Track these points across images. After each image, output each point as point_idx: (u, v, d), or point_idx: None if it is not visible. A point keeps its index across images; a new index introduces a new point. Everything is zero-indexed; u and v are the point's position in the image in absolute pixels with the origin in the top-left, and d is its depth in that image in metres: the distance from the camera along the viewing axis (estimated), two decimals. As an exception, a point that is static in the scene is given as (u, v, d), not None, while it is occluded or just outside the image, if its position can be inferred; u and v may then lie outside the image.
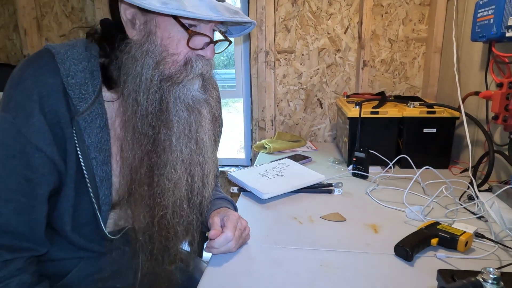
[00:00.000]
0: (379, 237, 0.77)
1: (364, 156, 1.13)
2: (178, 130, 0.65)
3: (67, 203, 0.64)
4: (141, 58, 0.62)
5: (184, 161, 0.67)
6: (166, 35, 0.63)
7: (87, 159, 0.63)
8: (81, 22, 1.79)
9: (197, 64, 0.65)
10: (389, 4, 1.55)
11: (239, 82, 1.80)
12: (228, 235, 0.69)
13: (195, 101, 0.67)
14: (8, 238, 0.59)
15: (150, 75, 0.62)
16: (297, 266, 0.67)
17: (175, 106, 0.64)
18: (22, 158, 0.59)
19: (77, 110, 0.61)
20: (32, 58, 0.62)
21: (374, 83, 1.64)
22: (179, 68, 0.64)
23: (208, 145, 0.71)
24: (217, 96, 0.79)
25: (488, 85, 1.11)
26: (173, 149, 0.65)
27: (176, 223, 0.68)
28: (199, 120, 0.68)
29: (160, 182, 0.65)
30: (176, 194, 0.66)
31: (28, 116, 0.58)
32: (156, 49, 0.62)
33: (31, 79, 0.59)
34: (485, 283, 0.47)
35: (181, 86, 0.64)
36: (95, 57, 0.65)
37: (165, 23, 0.62)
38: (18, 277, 0.60)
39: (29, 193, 0.60)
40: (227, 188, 1.69)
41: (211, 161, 0.73)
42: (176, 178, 0.66)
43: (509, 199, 0.86)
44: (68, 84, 0.61)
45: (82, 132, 0.62)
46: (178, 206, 0.67)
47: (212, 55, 0.66)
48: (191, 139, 0.67)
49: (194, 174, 0.69)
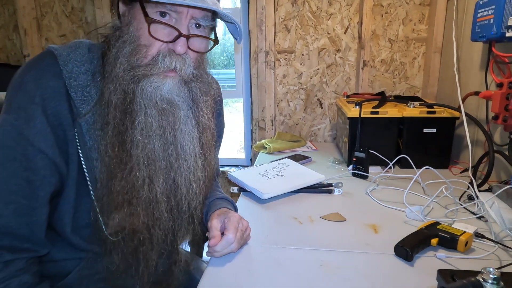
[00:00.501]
0: (379, 237, 0.77)
1: (364, 156, 1.13)
2: (144, 126, 0.62)
3: (68, 204, 0.64)
4: (117, 49, 0.62)
5: (157, 162, 0.64)
6: (140, 26, 0.62)
7: (88, 161, 0.63)
8: (81, 22, 1.79)
9: (164, 59, 0.62)
10: (389, 4, 1.55)
11: (239, 82, 1.80)
12: (229, 237, 0.68)
13: (167, 103, 0.64)
14: (8, 239, 0.59)
15: (119, 63, 0.61)
16: (297, 266, 0.67)
17: (140, 100, 0.62)
18: (24, 160, 0.59)
19: (79, 112, 0.61)
20: (34, 60, 0.62)
21: (374, 83, 1.64)
22: (148, 61, 0.62)
23: (191, 152, 0.68)
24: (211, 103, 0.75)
25: (488, 85, 1.11)
26: (139, 145, 0.62)
27: (151, 226, 0.66)
28: (176, 123, 0.65)
29: (128, 178, 0.63)
30: (148, 194, 0.64)
31: (30, 118, 0.58)
32: (131, 39, 0.62)
33: (33, 81, 0.59)
34: (485, 283, 0.47)
35: (149, 81, 0.62)
36: (98, 58, 0.65)
37: (140, 15, 0.61)
38: (19, 278, 0.60)
39: (30, 195, 0.60)
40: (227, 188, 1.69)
41: (198, 169, 0.70)
42: (147, 177, 0.63)
43: (509, 199, 0.86)
44: (71, 86, 0.61)
45: (84, 134, 0.62)
46: (154, 209, 0.65)
47: (182, 50, 0.63)
48: (168, 143, 0.65)
49: (175, 180, 0.67)
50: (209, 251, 0.69)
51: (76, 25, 1.80)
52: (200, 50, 0.67)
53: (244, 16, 1.67)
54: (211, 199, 0.83)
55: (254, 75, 1.69)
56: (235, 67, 1.79)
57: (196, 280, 0.75)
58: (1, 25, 1.86)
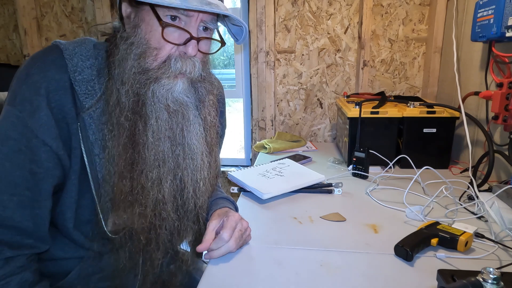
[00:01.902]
0: (379, 237, 0.77)
1: (364, 156, 1.13)
2: (157, 129, 0.63)
3: (70, 199, 0.64)
4: (125, 50, 0.62)
5: (167, 163, 0.65)
6: (149, 29, 0.63)
7: (90, 155, 0.63)
8: (81, 22, 1.79)
9: (175, 62, 0.63)
10: (389, 4, 1.55)
11: (239, 82, 1.80)
12: (223, 235, 0.68)
13: (177, 104, 0.65)
14: (10, 233, 0.59)
15: (130, 66, 0.62)
16: (297, 266, 0.67)
17: (151, 103, 0.63)
18: (28, 152, 0.59)
19: (83, 106, 0.62)
20: (40, 53, 0.62)
21: (374, 83, 1.64)
22: (159, 64, 0.63)
23: (198, 151, 0.69)
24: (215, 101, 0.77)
25: (488, 85, 1.11)
26: (150, 147, 0.63)
27: (158, 226, 0.67)
28: (185, 124, 0.66)
29: (139, 179, 0.64)
30: (157, 195, 0.65)
31: (35, 110, 0.58)
32: (140, 42, 0.62)
33: (38, 74, 0.60)
34: (485, 283, 0.47)
35: (160, 84, 0.63)
36: (103, 54, 0.65)
37: (149, 16, 0.62)
38: (20, 275, 0.60)
39: (34, 187, 0.60)
40: (227, 188, 1.69)
41: (205, 168, 0.71)
42: (156, 178, 0.64)
43: (509, 199, 0.86)
44: (75, 80, 0.61)
45: (87, 128, 0.62)
46: (162, 209, 0.66)
47: (193, 52, 0.64)
48: (176, 143, 0.66)
49: (182, 179, 0.68)
50: (197, 250, 0.68)
51: (76, 25, 1.80)
52: (208, 51, 0.69)
53: (244, 16, 1.68)
54: (212, 199, 0.83)
55: (254, 75, 1.69)
56: (235, 67, 1.79)
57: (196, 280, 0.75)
58: (1, 25, 1.87)
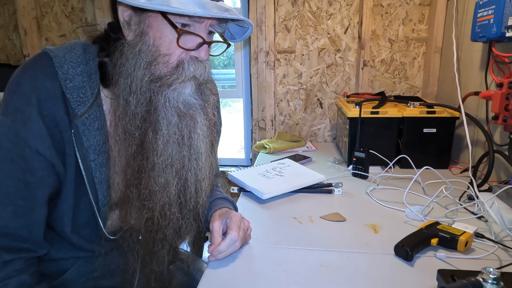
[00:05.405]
0: (379, 237, 0.77)
1: (364, 156, 1.13)
2: (167, 134, 0.64)
3: (67, 205, 0.64)
4: (133, 59, 0.62)
5: (174, 165, 0.65)
6: (158, 35, 0.62)
7: (85, 161, 0.63)
8: (81, 22, 1.79)
9: (189, 67, 0.64)
10: (389, 4, 1.55)
11: (239, 82, 1.80)
12: (233, 235, 0.68)
13: (187, 106, 0.65)
14: (7, 239, 0.59)
15: (141, 75, 0.61)
16: (297, 266, 0.67)
17: (163, 109, 0.63)
18: (21, 161, 0.59)
19: (75, 113, 0.61)
20: (30, 62, 0.62)
21: (374, 83, 1.64)
22: (171, 69, 0.63)
23: (203, 151, 0.69)
24: (215, 101, 0.77)
25: (488, 85, 1.11)
26: (160, 153, 0.63)
27: (164, 227, 0.67)
28: (192, 126, 0.66)
29: (147, 185, 0.64)
30: (165, 198, 0.65)
31: (26, 120, 0.58)
32: (149, 49, 0.62)
33: (29, 83, 0.59)
34: (485, 283, 0.47)
35: (172, 89, 0.63)
36: (93, 59, 0.64)
37: (157, 23, 0.62)
38: (17, 278, 0.60)
39: (28, 196, 0.60)
40: (227, 188, 1.69)
41: (207, 167, 0.71)
42: (164, 182, 0.65)
43: (509, 199, 0.86)
44: (66, 88, 0.61)
45: (81, 135, 0.62)
46: (167, 210, 0.66)
47: (206, 56, 0.65)
48: (183, 145, 0.66)
49: (187, 179, 0.68)
50: (213, 254, 0.68)
51: (76, 25, 1.80)
52: (215, 54, 0.70)
53: (244, 16, 1.67)
54: (212, 199, 0.83)
55: (254, 75, 1.69)
56: (235, 67, 1.79)
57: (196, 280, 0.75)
58: (1, 25, 1.86)
